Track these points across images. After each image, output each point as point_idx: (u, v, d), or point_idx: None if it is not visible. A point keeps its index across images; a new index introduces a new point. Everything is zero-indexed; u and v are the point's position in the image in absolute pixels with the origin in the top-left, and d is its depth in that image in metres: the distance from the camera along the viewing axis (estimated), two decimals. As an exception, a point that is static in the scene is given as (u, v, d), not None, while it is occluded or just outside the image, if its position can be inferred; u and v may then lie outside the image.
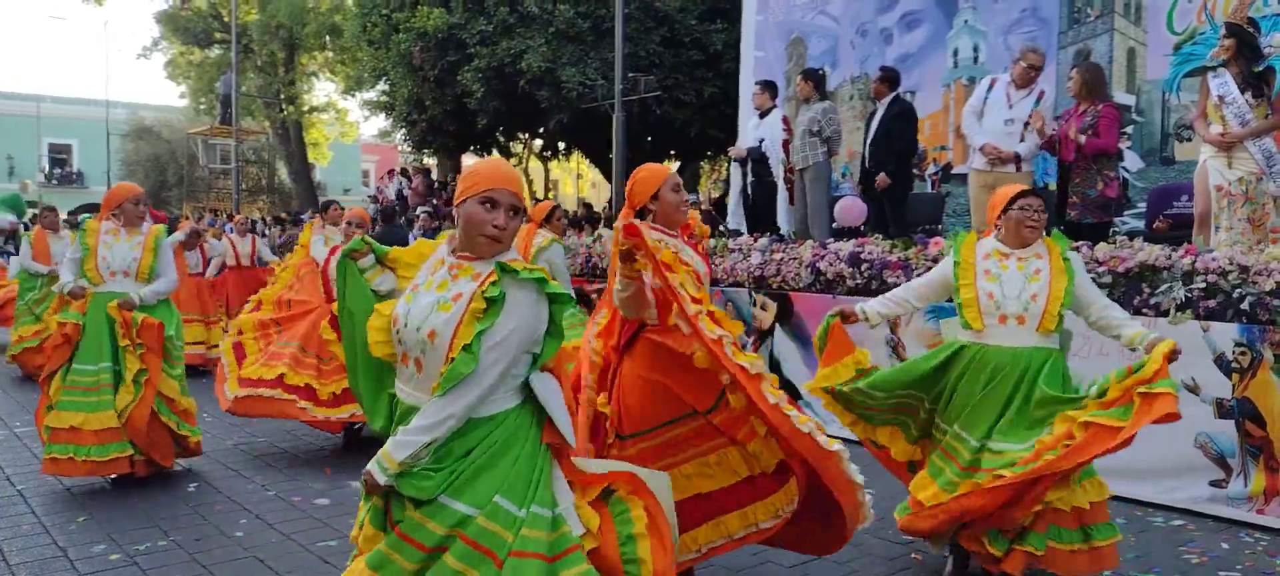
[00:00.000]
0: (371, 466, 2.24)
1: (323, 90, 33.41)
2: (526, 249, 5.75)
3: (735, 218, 9.40)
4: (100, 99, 36.25)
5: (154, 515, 4.80)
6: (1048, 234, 3.81)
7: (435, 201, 16.28)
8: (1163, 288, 5.07)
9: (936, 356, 3.80)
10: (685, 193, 3.49)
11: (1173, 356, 3.25)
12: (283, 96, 29.11)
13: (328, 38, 27.60)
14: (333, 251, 6.15)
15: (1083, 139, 6.40)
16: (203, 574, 4.09)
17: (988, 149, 6.94)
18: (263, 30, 27.98)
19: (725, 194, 19.13)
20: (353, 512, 4.98)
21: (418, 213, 13.58)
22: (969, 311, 3.70)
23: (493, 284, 2.22)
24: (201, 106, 31.43)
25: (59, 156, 41.00)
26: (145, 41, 53.45)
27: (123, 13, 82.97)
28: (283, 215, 21.18)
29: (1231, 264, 4.87)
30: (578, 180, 39.10)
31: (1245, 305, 4.76)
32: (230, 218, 15.24)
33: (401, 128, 19.94)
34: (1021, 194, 3.71)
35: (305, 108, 30.90)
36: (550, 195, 31.55)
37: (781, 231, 8.45)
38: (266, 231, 16.77)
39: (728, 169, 18.63)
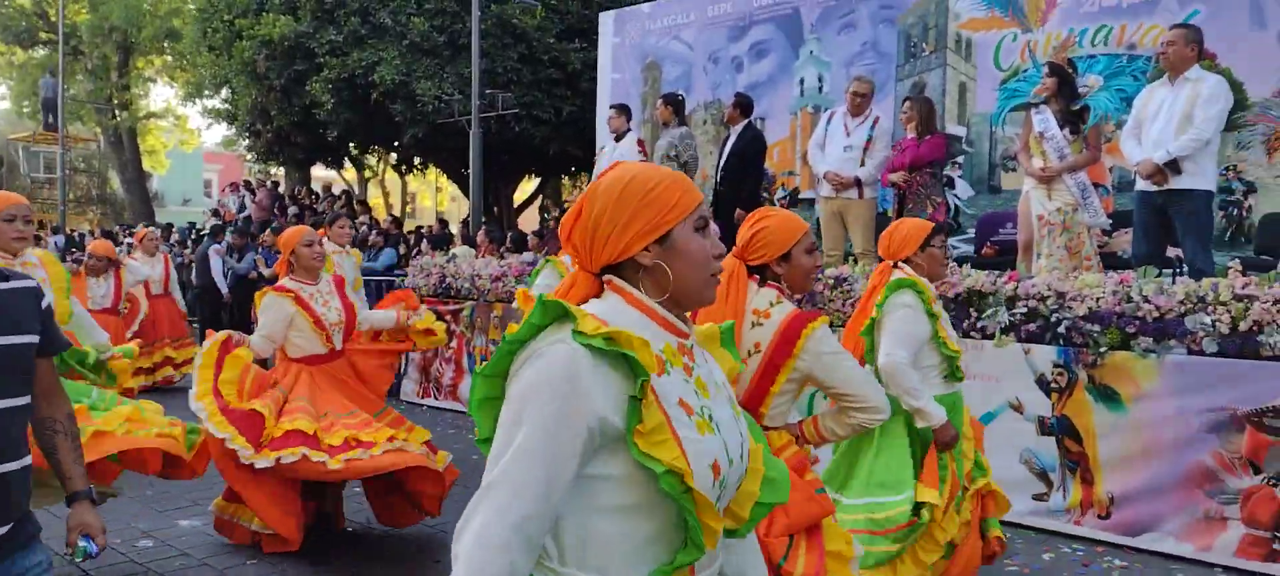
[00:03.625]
0: None
1: (160, 95, 31.71)
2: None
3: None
4: (-95, 99, 33.19)
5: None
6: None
7: (281, 218, 15.53)
8: (989, 312, 5.36)
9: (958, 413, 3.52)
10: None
11: None
12: (115, 101, 27.39)
13: (165, 41, 26.18)
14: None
15: (901, 180, 6.85)
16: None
17: (830, 176, 7.28)
18: (94, 31, 26.27)
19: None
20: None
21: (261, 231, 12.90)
22: (956, 361, 3.51)
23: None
24: (25, 110, 29.25)
25: None
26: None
27: (-67, 5, 76.37)
28: (112, 228, 19.89)
29: (1049, 289, 5.19)
30: (438, 193, 38.37)
31: (1062, 329, 5.08)
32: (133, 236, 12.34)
33: (245, 138, 19.09)
34: (936, 231, 3.56)
35: (140, 113, 29.15)
36: (408, 210, 30.80)
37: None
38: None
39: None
